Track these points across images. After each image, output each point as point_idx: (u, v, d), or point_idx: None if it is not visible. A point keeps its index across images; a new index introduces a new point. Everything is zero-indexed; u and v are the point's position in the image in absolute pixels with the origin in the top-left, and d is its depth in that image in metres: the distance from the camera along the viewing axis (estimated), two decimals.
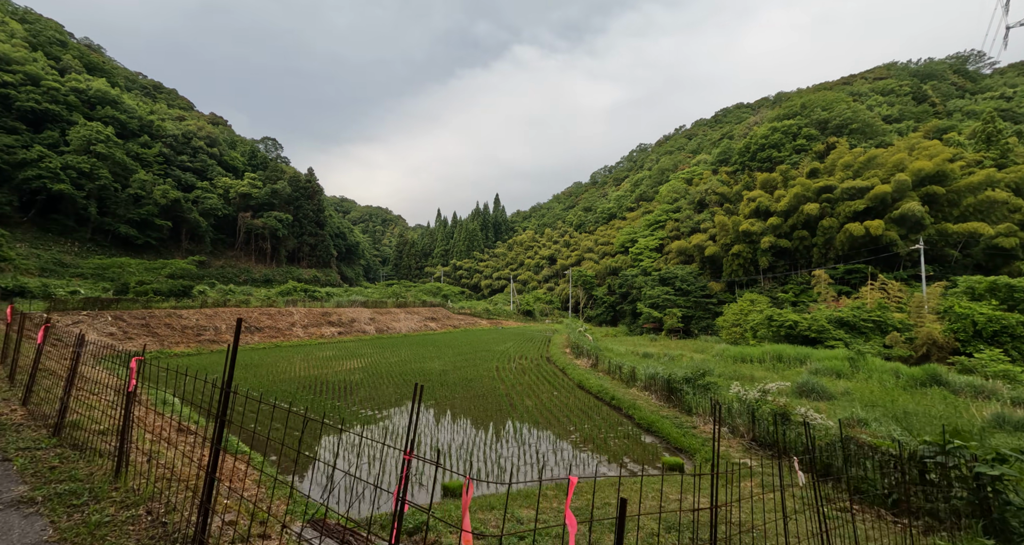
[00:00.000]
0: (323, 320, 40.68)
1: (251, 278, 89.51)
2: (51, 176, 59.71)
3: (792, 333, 34.92)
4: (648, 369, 14.89)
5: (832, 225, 49.15)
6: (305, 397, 16.01)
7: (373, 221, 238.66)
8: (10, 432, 5.07)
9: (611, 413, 13.27)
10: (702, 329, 57.39)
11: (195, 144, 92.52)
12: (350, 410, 13.96)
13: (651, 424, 11.53)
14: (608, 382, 16.10)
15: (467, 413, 13.02)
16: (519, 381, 18.06)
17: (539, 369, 22.09)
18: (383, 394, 15.90)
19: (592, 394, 15.32)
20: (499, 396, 15.19)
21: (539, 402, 14.13)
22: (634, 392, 14.29)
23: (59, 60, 79.69)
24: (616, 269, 79.37)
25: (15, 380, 7.17)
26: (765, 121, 79.46)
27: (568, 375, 19.40)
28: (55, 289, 35.82)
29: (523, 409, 13.38)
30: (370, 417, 12.92)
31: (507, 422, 12.00)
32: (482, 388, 16.63)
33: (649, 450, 10.08)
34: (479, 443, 10.15)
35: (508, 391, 15.91)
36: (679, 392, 12.42)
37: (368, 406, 13.89)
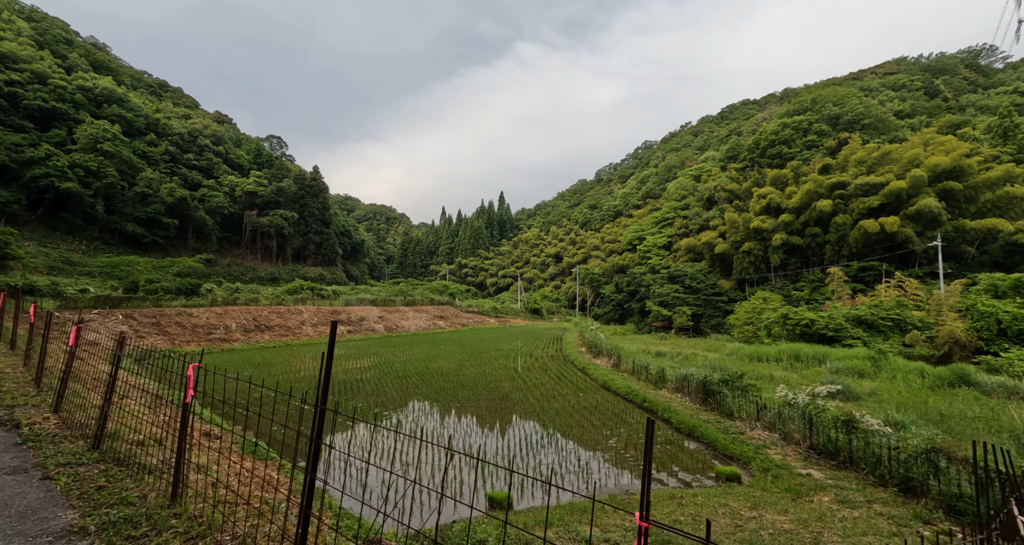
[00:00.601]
0: (332, 318, 40.42)
1: (257, 276, 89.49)
2: (59, 174, 59.66)
3: (808, 332, 34.41)
4: (680, 370, 14.42)
5: (846, 222, 48.53)
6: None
7: (377, 219, 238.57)
8: (46, 444, 4.73)
9: (643, 415, 12.68)
10: (712, 327, 56.89)
11: (201, 142, 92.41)
12: (373, 412, 13.64)
13: (692, 429, 11.12)
14: (635, 383, 15.61)
15: (494, 416, 12.59)
16: (540, 381, 17.66)
17: (558, 369, 21.69)
18: (404, 395, 15.54)
19: (620, 396, 14.83)
20: (523, 398, 14.78)
21: (566, 404, 13.71)
22: (665, 394, 13.80)
23: (66, 58, 79.58)
24: (624, 267, 78.86)
25: (41, 384, 6.83)
26: (774, 117, 78.62)
27: (590, 375, 18.94)
28: (65, 287, 35.68)
29: (552, 412, 12.96)
30: (391, 417, 12.59)
31: (538, 426, 11.54)
32: (503, 389, 16.24)
33: (697, 458, 9.59)
34: (513, 448, 9.74)
35: (531, 392, 15.49)
36: (716, 394, 11.96)
37: (390, 407, 13.56)
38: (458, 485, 7.83)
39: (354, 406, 14.30)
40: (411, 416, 12.99)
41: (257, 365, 24.02)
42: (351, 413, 12.20)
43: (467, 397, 15.24)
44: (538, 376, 19.06)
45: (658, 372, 15.41)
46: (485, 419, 12.09)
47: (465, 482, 7.98)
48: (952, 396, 18.82)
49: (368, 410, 13.63)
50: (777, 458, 8.56)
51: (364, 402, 14.73)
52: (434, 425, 11.72)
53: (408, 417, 12.92)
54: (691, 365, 25.96)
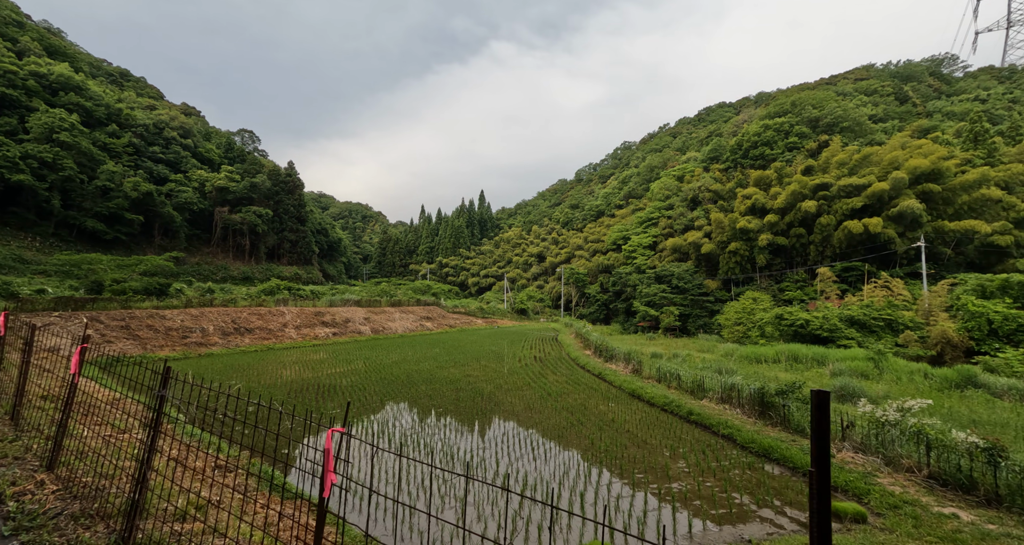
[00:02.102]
0: (316, 320, 38.47)
1: (229, 276, 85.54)
2: (9, 166, 55.26)
3: (803, 332, 34.60)
4: (726, 379, 13.54)
5: (830, 222, 49.39)
6: (324, 408, 14.29)
7: (353, 217, 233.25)
8: (51, 537, 3.29)
9: (698, 432, 11.59)
10: (699, 327, 57.17)
11: (168, 135, 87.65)
12: (377, 428, 12.34)
13: (767, 450, 9.77)
14: (668, 392, 14.61)
15: (528, 435, 11.24)
16: (562, 390, 16.46)
17: (570, 374, 20.61)
18: (421, 409, 14.22)
19: (658, 407, 13.69)
20: (551, 410, 13.51)
21: (605, 419, 12.45)
22: (710, 405, 12.76)
23: (16, 42, 74.02)
24: (609, 267, 78.77)
25: (20, 421, 5.11)
26: (755, 119, 79.97)
27: (610, 382, 17.79)
28: (19, 287, 32.70)
29: (593, 426, 11.71)
30: (407, 435, 11.31)
31: (584, 445, 10.30)
32: (527, 399, 15.01)
33: (792, 487, 8.23)
34: (559, 476, 8.46)
35: (558, 404, 14.22)
36: (775, 407, 11.03)
37: (414, 432, 12.27)
38: (512, 521, 6.69)
39: (360, 420, 12.95)
40: (431, 433, 11.72)
41: (235, 369, 22.22)
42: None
43: (488, 409, 14.05)
44: (560, 385, 17.93)
45: (696, 381, 14.47)
46: (516, 441, 10.81)
47: (534, 520, 6.81)
48: (964, 399, 18.73)
49: (371, 425, 12.31)
50: (896, 490, 7.49)
51: (367, 418, 13.39)
52: (460, 446, 10.45)
53: (426, 433, 11.65)
54: (688, 366, 25.48)
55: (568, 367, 22.91)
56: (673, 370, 16.26)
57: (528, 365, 24.07)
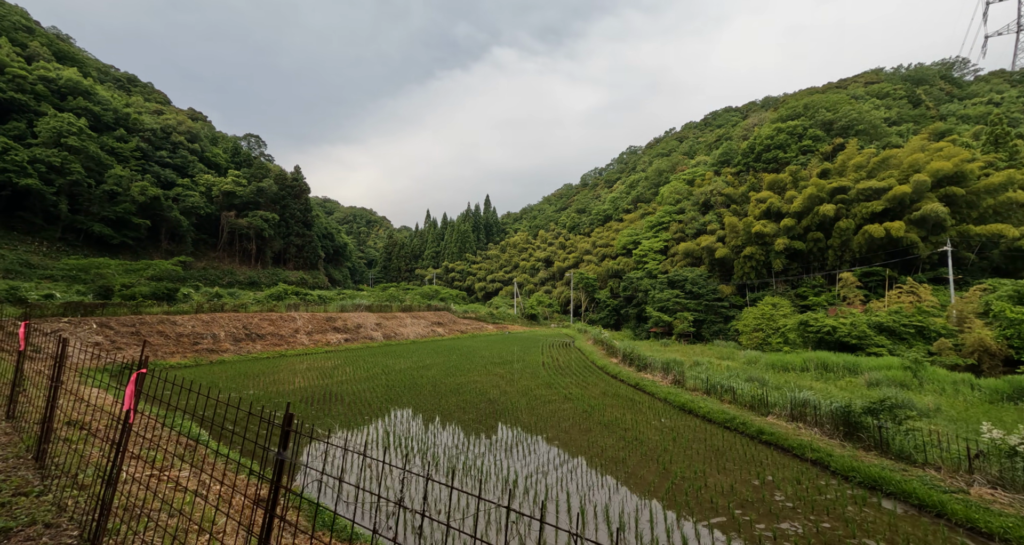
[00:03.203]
0: (328, 326, 37.65)
1: (235, 280, 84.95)
2: (17, 170, 54.87)
3: (828, 339, 33.55)
4: (796, 393, 12.52)
5: (849, 226, 48.37)
6: (355, 424, 13.40)
7: (357, 222, 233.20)
8: None
9: (777, 455, 10.49)
10: (714, 333, 56.06)
11: (175, 139, 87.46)
12: (411, 446, 11.44)
13: (876, 481, 8.41)
14: (724, 406, 13.46)
15: (578, 459, 10.31)
16: (601, 404, 15.34)
17: (607, 387, 19.43)
18: (449, 424, 13.29)
19: (717, 424, 12.51)
20: (597, 427, 12.45)
21: (663, 437, 11.59)
22: (781, 424, 11.50)
23: (26, 47, 74.12)
24: (619, 272, 77.80)
25: (47, 466, 4.15)
26: (767, 122, 79.19)
27: (651, 394, 16.71)
28: (26, 292, 32.01)
29: (653, 446, 10.72)
30: (453, 458, 10.39)
31: (654, 471, 9.23)
32: (565, 416, 13.94)
33: (937, 535, 6.91)
34: (633, 516, 7.46)
35: (602, 419, 13.16)
36: (863, 427, 9.92)
37: (439, 442, 11.35)
38: None
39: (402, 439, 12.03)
40: (477, 454, 10.79)
41: (247, 377, 21.39)
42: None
43: (531, 423, 13.11)
44: (592, 395, 16.93)
45: (756, 395, 13.41)
46: (565, 468, 9.82)
47: None
48: (1019, 413, 17.70)
49: (412, 444, 11.39)
50: None
51: (414, 443, 12.46)
52: (507, 472, 9.45)
53: (472, 455, 10.72)
54: (715, 374, 24.47)
55: (598, 377, 21.93)
56: (721, 382, 15.24)
57: (555, 374, 23.12)
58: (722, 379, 15.94)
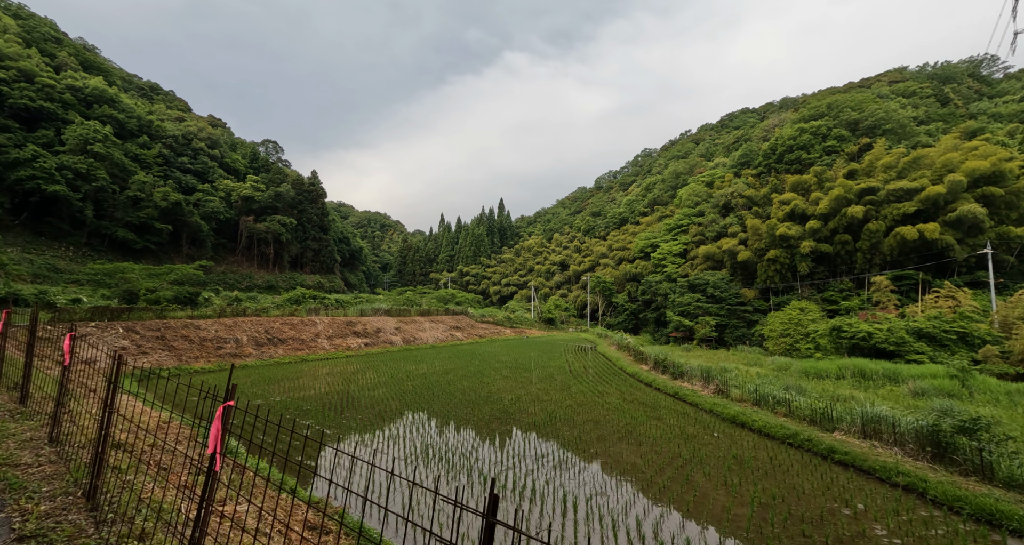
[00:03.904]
0: (348, 330, 37.47)
1: (254, 284, 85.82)
2: (45, 177, 56.10)
3: (863, 345, 32.29)
4: (869, 408, 11.67)
5: (879, 228, 46.87)
6: (396, 434, 12.93)
7: (372, 226, 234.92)
8: None
9: (859, 479, 9.43)
10: (737, 339, 54.75)
11: (196, 145, 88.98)
12: (453, 461, 10.90)
13: (990, 514, 7.49)
14: (780, 420, 12.52)
15: (646, 477, 9.29)
16: (644, 416, 14.73)
17: (643, 396, 18.35)
18: (487, 439, 12.67)
19: (777, 440, 11.52)
20: (647, 441, 11.78)
21: (722, 454, 10.56)
22: (853, 441, 10.34)
23: (54, 57, 76.12)
24: (637, 275, 76.73)
25: (96, 496, 3.72)
26: (788, 123, 77.61)
27: (695, 405, 15.57)
28: (54, 297, 32.46)
29: (716, 466, 9.78)
30: (498, 472, 9.79)
31: (724, 498, 8.28)
32: (611, 427, 13.07)
33: None
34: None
35: (650, 433, 12.50)
36: (956, 448, 8.97)
37: (482, 457, 10.78)
38: None
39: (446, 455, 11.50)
40: (522, 473, 10.19)
41: (274, 383, 21.14)
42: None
43: (578, 436, 12.47)
44: (631, 407, 16.18)
45: (818, 409, 12.51)
46: (628, 500, 9.00)
47: None
48: None
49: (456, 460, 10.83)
50: None
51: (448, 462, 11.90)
52: (570, 497, 8.71)
53: (514, 472, 10.12)
54: (745, 382, 23.51)
55: (631, 385, 21.19)
56: (772, 394, 14.41)
57: (585, 382, 22.45)
58: (770, 389, 15.06)
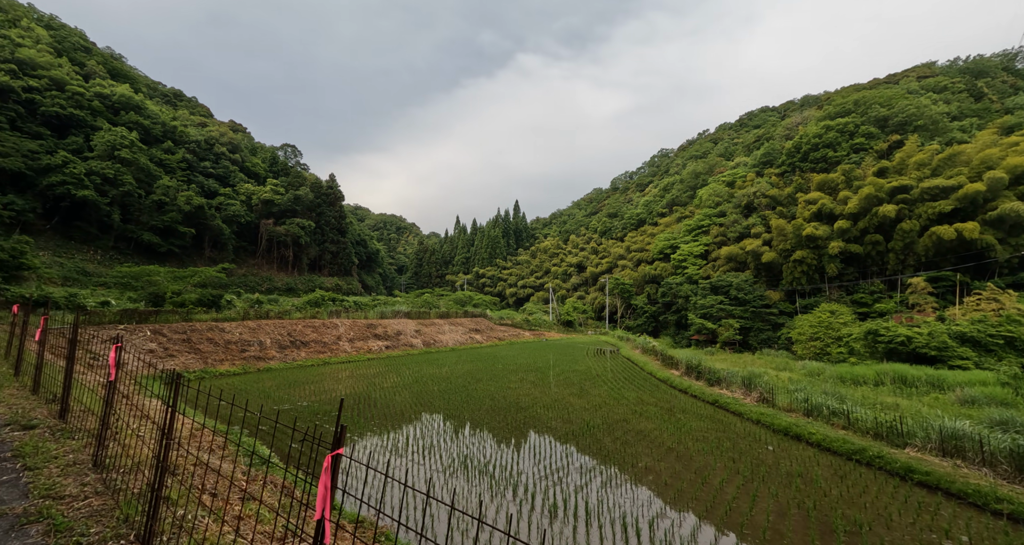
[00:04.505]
0: (369, 333, 37.38)
1: (274, 287, 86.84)
2: (75, 182, 57.49)
3: (901, 350, 30.95)
4: (947, 422, 10.80)
5: (912, 228, 45.16)
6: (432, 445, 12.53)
7: (387, 229, 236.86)
8: None
9: (950, 505, 8.58)
10: (762, 342, 53.31)
11: (217, 150, 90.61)
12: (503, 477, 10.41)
13: None
14: (839, 433, 11.54)
15: (706, 497, 8.60)
16: (686, 425, 13.76)
17: (680, 402, 17.38)
18: (529, 457, 12.06)
19: (841, 455, 10.67)
20: (700, 453, 10.89)
21: (784, 469, 9.73)
22: (932, 460, 9.75)
23: (83, 66, 78.29)
24: (656, 277, 75.53)
25: (156, 526, 3.20)
26: (813, 120, 75.64)
27: (738, 414, 14.76)
28: (84, 299, 32.94)
29: (780, 484, 8.98)
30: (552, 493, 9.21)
31: (801, 525, 7.51)
32: (654, 437, 12.26)
33: None
34: None
35: (698, 446, 11.73)
36: None
37: (524, 473, 10.25)
38: None
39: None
40: (571, 491, 9.62)
41: (297, 386, 20.99)
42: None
43: (611, 450, 11.92)
44: (669, 414, 15.55)
45: (884, 421, 11.62)
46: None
47: None
48: None
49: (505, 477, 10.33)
50: None
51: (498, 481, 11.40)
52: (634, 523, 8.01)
53: (562, 489, 9.55)
54: (779, 386, 22.56)
55: (665, 391, 20.46)
56: (834, 405, 13.55)
57: (615, 387, 21.81)
58: (822, 398, 14.20)
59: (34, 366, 7.68)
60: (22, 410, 6.16)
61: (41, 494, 4.10)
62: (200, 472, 5.00)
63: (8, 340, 9.72)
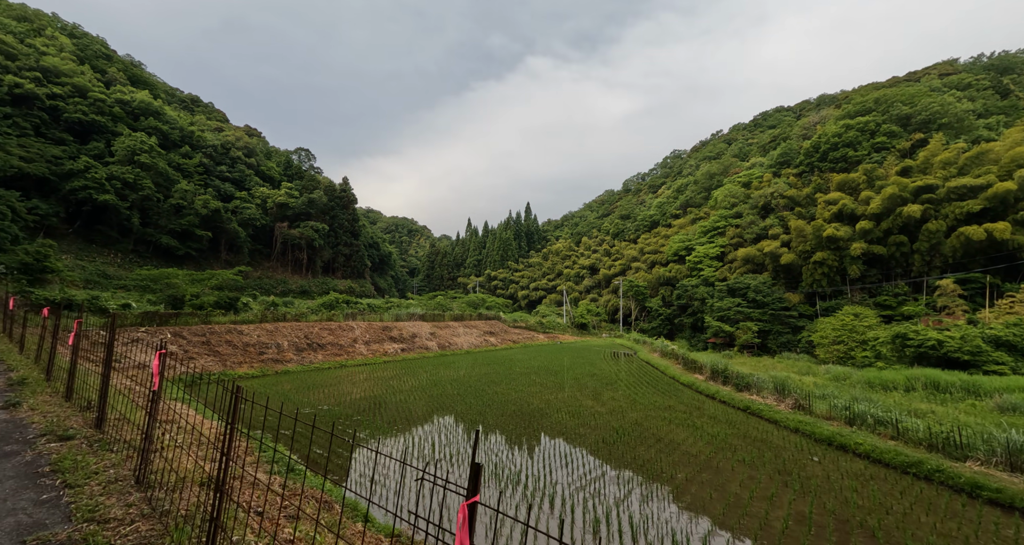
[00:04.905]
0: (384, 335, 37.31)
1: (288, 289, 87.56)
2: (97, 187, 58.54)
3: (932, 354, 29.95)
4: (1014, 434, 10.21)
5: (939, 228, 43.92)
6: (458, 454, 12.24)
7: (399, 232, 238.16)
8: None
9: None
10: (781, 345, 52.20)
11: (233, 154, 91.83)
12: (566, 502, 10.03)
13: None
14: (889, 444, 10.97)
15: (761, 518, 8.12)
16: (721, 432, 13.17)
17: (710, 409, 16.96)
18: (566, 480, 11.58)
19: (895, 468, 10.34)
20: (744, 464, 10.15)
21: (835, 484, 9.02)
22: (1000, 476, 9.15)
23: (104, 73, 79.90)
24: (671, 279, 74.62)
25: None
26: (831, 119, 74.25)
27: (774, 422, 14.16)
28: (105, 302, 33.30)
29: (838, 499, 8.49)
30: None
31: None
32: (690, 448, 11.84)
33: None
34: None
35: (739, 454, 11.09)
36: None
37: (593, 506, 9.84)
38: None
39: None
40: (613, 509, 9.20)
41: (316, 389, 20.87)
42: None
43: (645, 459, 11.49)
44: (701, 422, 15.07)
45: (939, 432, 10.96)
46: None
47: None
48: None
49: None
50: None
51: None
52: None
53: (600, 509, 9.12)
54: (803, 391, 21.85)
55: (693, 398, 19.90)
56: (879, 414, 12.95)
57: (638, 393, 21.35)
58: (866, 406, 13.58)
59: (66, 371, 7.55)
60: (57, 419, 6.00)
61: (85, 517, 3.85)
62: (247, 490, 4.75)
63: (39, 344, 9.63)
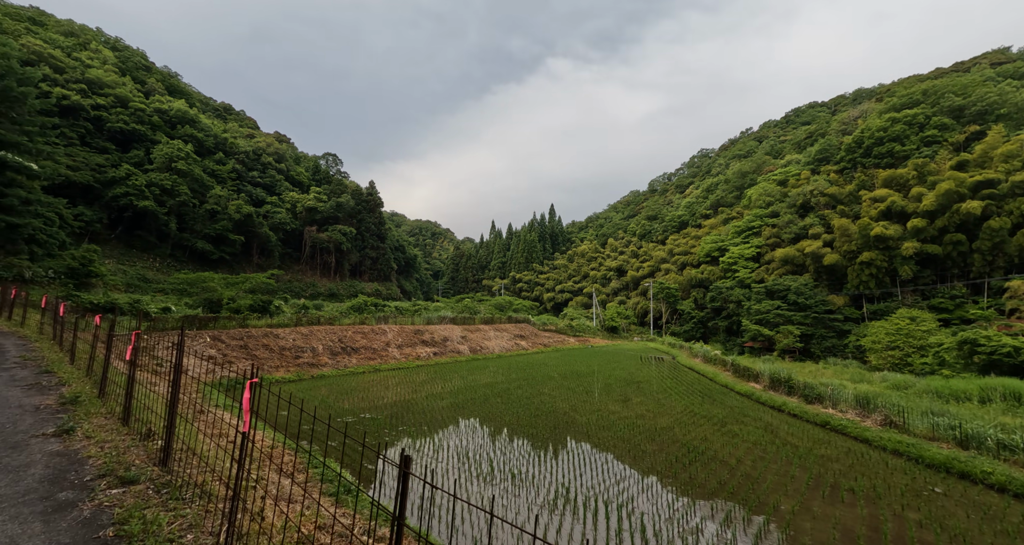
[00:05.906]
0: (416, 339, 36.91)
1: (317, 292, 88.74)
2: (137, 193, 60.39)
3: (1006, 362, 27.63)
4: None
5: (1003, 226, 40.99)
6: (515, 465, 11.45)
7: (423, 235, 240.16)
8: None
9: None
10: (825, 350, 49.65)
11: (264, 160, 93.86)
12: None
13: None
14: (1019, 471, 10.07)
15: None
16: (808, 451, 12.01)
17: (781, 424, 15.70)
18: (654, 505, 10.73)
19: None
20: (849, 491, 8.88)
21: (975, 524, 8.20)
22: None
23: (144, 83, 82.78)
24: (703, 281, 72.35)
25: None
26: (874, 113, 70.80)
27: (867, 441, 13.04)
28: (146, 306, 33.85)
29: None
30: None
31: None
32: (777, 468, 10.57)
33: None
34: None
35: (840, 480, 9.86)
36: None
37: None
38: None
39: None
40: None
41: (353, 394, 20.41)
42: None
43: (735, 486, 10.48)
44: (774, 440, 13.87)
45: None
46: None
47: None
48: None
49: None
50: None
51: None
52: None
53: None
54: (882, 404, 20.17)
55: (755, 410, 18.60)
56: (1001, 436, 11.49)
57: (692, 403, 20.15)
58: (978, 424, 12.12)
59: (121, 387, 6.99)
60: (116, 451, 5.22)
61: None
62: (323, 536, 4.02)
63: (90, 353, 9.25)
